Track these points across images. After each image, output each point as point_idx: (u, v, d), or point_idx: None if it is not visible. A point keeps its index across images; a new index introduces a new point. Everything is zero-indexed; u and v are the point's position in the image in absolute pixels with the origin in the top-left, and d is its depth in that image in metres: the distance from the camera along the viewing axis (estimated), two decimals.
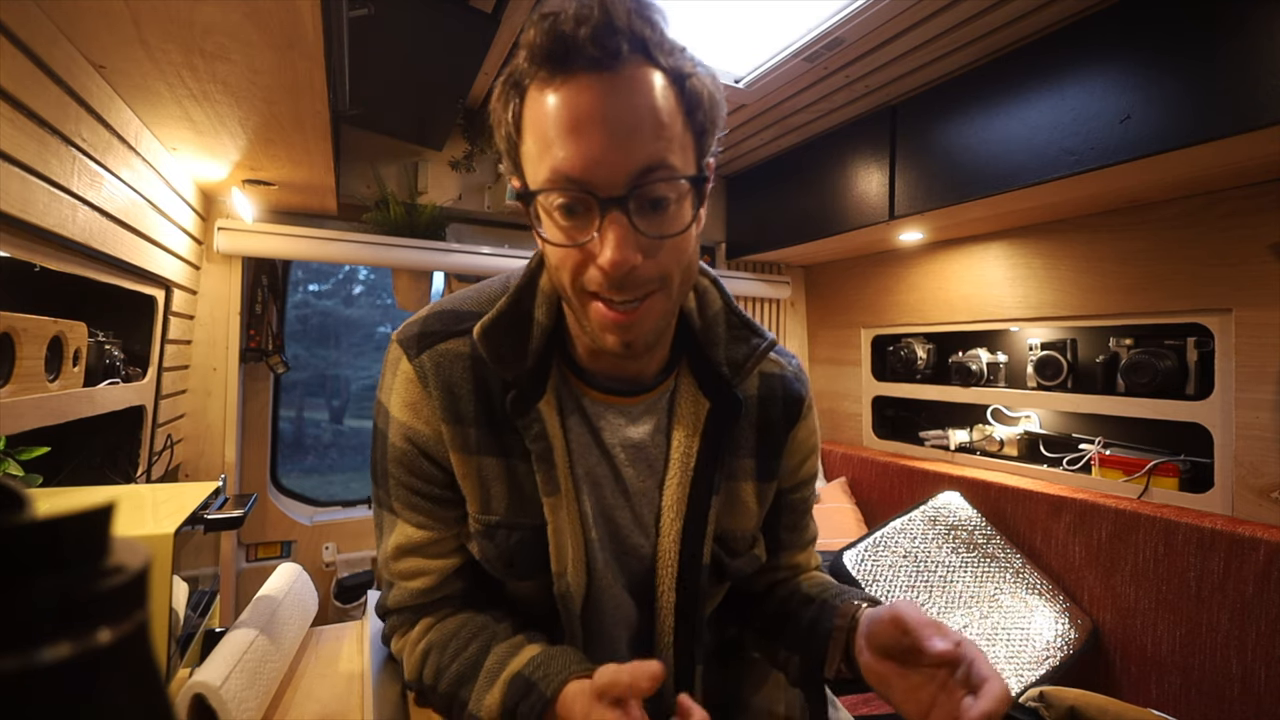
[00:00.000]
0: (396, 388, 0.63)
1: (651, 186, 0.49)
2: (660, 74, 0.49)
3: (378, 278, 8.83)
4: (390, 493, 0.66)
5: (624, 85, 0.47)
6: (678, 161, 0.50)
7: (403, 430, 0.63)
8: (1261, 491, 1.26)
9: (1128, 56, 1.16)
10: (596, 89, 0.47)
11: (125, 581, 0.14)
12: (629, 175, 0.48)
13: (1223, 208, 1.32)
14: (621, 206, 0.49)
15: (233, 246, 1.64)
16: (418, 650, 0.65)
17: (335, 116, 1.18)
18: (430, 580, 0.65)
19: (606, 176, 0.48)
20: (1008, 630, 1.40)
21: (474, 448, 0.62)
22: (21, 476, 0.94)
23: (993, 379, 1.84)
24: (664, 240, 0.51)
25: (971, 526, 1.61)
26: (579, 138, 0.48)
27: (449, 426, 0.62)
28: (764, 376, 0.69)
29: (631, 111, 0.47)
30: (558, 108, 0.48)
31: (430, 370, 0.62)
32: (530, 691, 0.57)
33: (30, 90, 0.75)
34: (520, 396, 0.60)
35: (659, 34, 0.49)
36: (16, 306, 0.82)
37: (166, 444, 1.44)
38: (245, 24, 0.79)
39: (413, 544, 0.65)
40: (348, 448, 8.20)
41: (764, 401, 0.69)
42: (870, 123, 1.71)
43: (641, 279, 0.51)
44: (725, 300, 0.67)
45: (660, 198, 0.50)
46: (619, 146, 0.47)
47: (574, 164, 0.48)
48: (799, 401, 0.70)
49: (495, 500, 0.63)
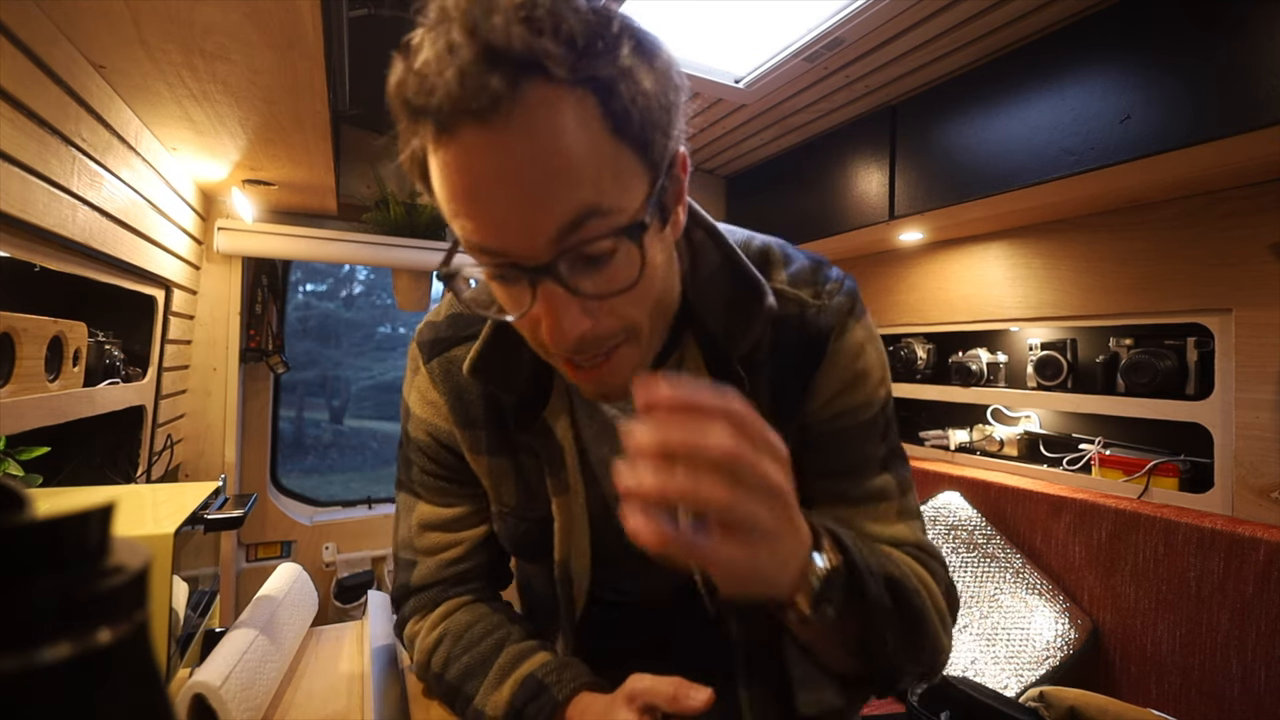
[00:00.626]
0: (416, 386, 0.67)
1: (581, 240, 0.40)
2: (568, 95, 0.37)
3: (377, 278, 8.83)
4: (414, 478, 0.70)
5: (517, 132, 0.37)
6: (612, 199, 0.40)
7: (423, 425, 0.67)
8: (1261, 491, 1.26)
9: (1128, 56, 1.15)
10: (484, 145, 0.37)
11: (125, 581, 0.14)
12: (549, 238, 0.39)
13: (1223, 208, 1.32)
14: (551, 274, 0.41)
15: (233, 246, 1.64)
16: (433, 635, 0.67)
17: (335, 116, 1.18)
18: (459, 550, 0.68)
19: (524, 245, 0.40)
20: (1008, 630, 1.40)
21: (484, 449, 0.64)
22: (21, 476, 0.94)
23: (993, 379, 1.84)
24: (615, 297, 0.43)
25: (971, 526, 1.61)
26: (479, 206, 0.39)
27: (460, 430, 0.64)
28: (778, 323, 0.57)
29: (533, 164, 0.37)
30: (448, 173, 0.39)
31: (440, 377, 0.64)
32: (541, 693, 0.58)
33: (30, 90, 0.75)
34: (524, 410, 0.60)
35: (563, 32, 0.37)
36: (17, 306, 0.82)
37: (166, 444, 1.44)
38: (245, 24, 0.79)
39: (441, 520, 0.68)
40: (348, 448, 8.20)
41: (777, 351, 0.58)
42: (870, 123, 1.71)
43: (600, 337, 0.45)
44: (725, 254, 0.57)
45: (597, 253, 0.41)
46: (529, 208, 0.39)
47: (483, 236, 0.40)
48: (822, 339, 0.58)
49: (506, 494, 0.65)
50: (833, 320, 0.58)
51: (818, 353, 0.58)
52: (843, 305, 0.59)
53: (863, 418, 0.60)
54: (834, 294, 0.59)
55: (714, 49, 1.42)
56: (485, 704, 0.60)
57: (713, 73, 1.49)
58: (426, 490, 0.69)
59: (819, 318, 0.58)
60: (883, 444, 0.61)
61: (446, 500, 0.69)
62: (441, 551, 0.69)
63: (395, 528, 0.73)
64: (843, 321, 0.59)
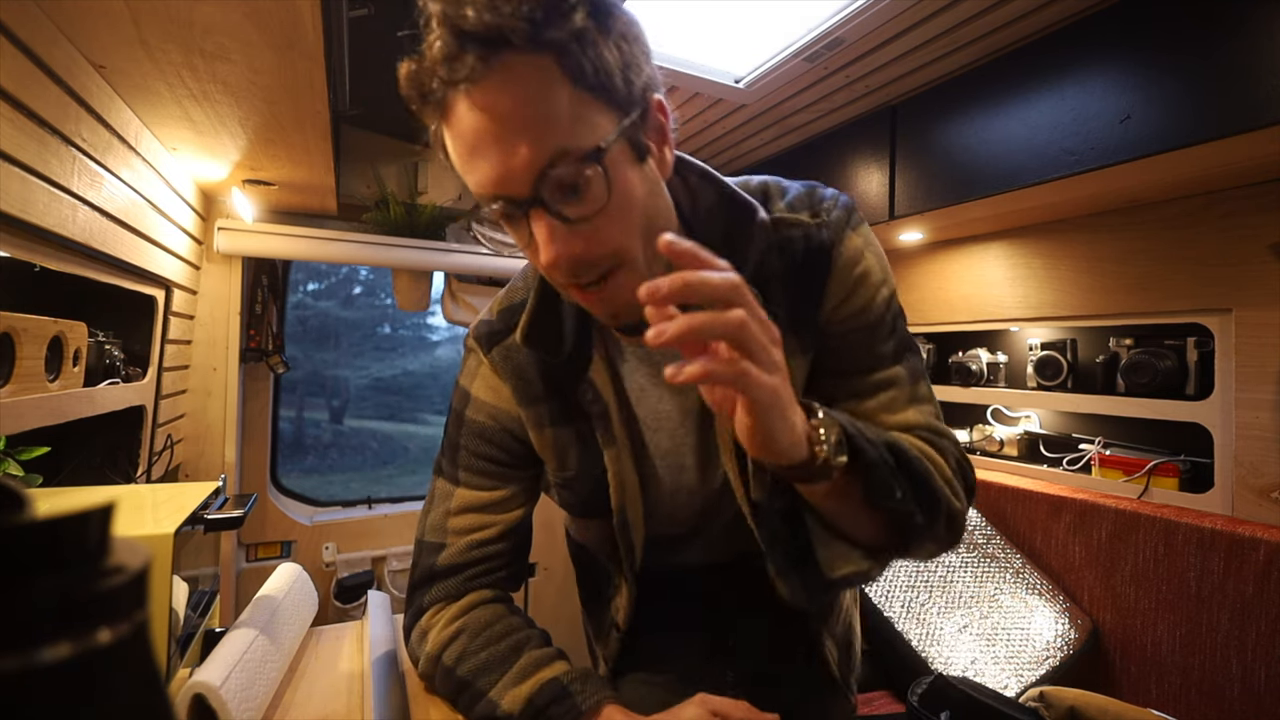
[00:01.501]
0: (480, 375, 0.74)
1: (557, 176, 0.49)
2: (529, 57, 0.46)
3: (376, 278, 8.83)
4: (460, 462, 0.74)
5: (495, 94, 0.46)
6: (580, 140, 0.48)
7: (486, 409, 0.73)
8: (1261, 491, 1.26)
9: (1128, 56, 1.15)
10: (472, 109, 0.47)
11: (125, 581, 0.14)
12: (531, 175, 0.48)
13: (1223, 208, 1.32)
14: (537, 204, 0.50)
15: (233, 246, 1.64)
16: (450, 629, 0.68)
17: (335, 116, 1.18)
18: (491, 532, 0.73)
19: (515, 183, 0.49)
20: (1008, 630, 1.40)
21: (548, 421, 0.71)
22: (21, 476, 0.94)
23: (993, 379, 1.84)
24: (595, 219, 0.51)
25: (971, 526, 1.61)
26: (477, 158, 0.49)
27: (525, 409, 0.71)
28: (782, 245, 0.63)
29: (510, 116, 0.47)
30: (453, 138, 0.50)
31: (500, 363, 0.71)
32: (565, 698, 0.59)
33: (30, 90, 0.75)
34: (570, 372, 0.68)
35: (522, 10, 0.45)
36: (17, 306, 0.82)
37: (166, 444, 1.44)
38: (245, 24, 0.79)
39: (479, 502, 0.73)
40: (348, 448, 8.20)
41: (787, 268, 0.64)
42: (870, 123, 1.71)
43: (592, 261, 0.53)
44: (718, 189, 0.64)
45: (574, 183, 0.50)
46: (512, 153, 0.48)
47: (485, 184, 0.50)
48: (826, 252, 0.63)
49: (570, 460, 0.71)
50: (833, 235, 0.64)
51: (824, 266, 0.64)
52: (840, 219, 0.65)
53: (870, 318, 0.65)
54: (831, 210, 0.65)
55: (714, 49, 1.42)
56: (502, 698, 0.61)
57: (713, 73, 1.49)
58: (471, 474, 0.74)
59: (820, 234, 0.64)
60: (891, 339, 0.66)
61: (490, 483, 0.74)
62: (473, 532, 0.73)
63: (424, 515, 0.77)
64: (840, 233, 0.64)
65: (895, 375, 0.66)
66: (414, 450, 8.68)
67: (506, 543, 0.74)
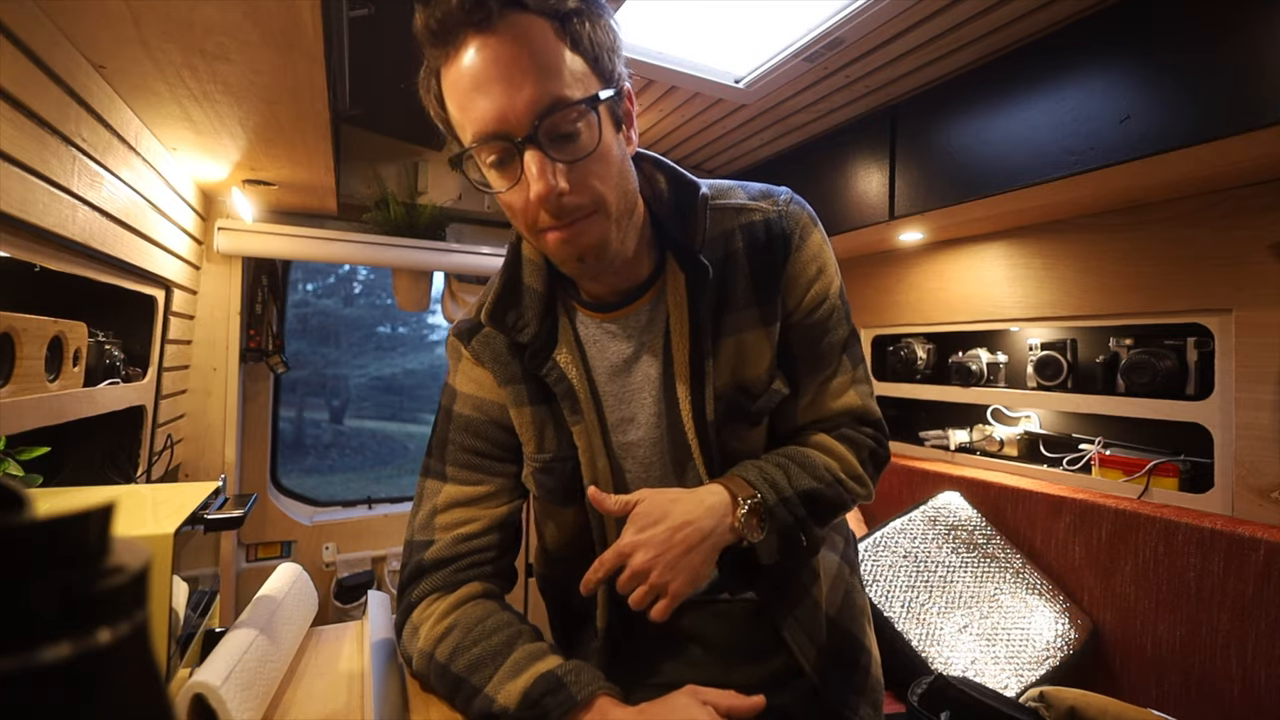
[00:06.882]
0: (462, 370, 0.78)
1: (554, 121, 0.55)
2: (536, 18, 0.54)
3: (377, 277, 8.83)
4: (447, 458, 0.77)
5: (505, 38, 0.53)
6: (575, 92, 0.55)
7: (470, 401, 0.77)
8: (1261, 491, 1.26)
9: (1128, 56, 1.15)
10: (483, 49, 0.54)
11: (125, 581, 0.14)
12: (532, 115, 0.54)
13: (1223, 208, 1.32)
14: (534, 143, 0.55)
15: (233, 246, 1.64)
16: (442, 624, 0.69)
17: (335, 116, 1.18)
18: (478, 525, 0.74)
19: (515, 122, 0.55)
20: (1008, 630, 1.40)
21: (526, 399, 0.74)
22: (21, 476, 0.94)
23: (993, 379, 1.84)
24: (582, 164, 0.57)
25: (971, 526, 1.61)
26: (482, 95, 0.55)
27: (506, 389, 0.74)
28: (745, 228, 0.72)
29: (517, 60, 0.53)
30: (460, 75, 0.55)
31: (480, 350, 0.76)
32: (560, 689, 0.60)
33: (30, 90, 0.75)
34: (535, 353, 0.72)
35: None
36: (17, 306, 0.81)
37: (166, 444, 1.44)
38: (245, 24, 0.79)
39: (466, 497, 0.75)
40: (347, 448, 8.20)
41: (750, 250, 0.72)
42: (870, 123, 1.71)
43: (573, 205, 0.58)
44: (668, 173, 0.72)
45: (567, 130, 0.56)
46: (516, 92, 0.54)
47: (487, 119, 0.55)
48: (786, 237, 0.72)
49: (548, 440, 0.74)
50: (795, 224, 0.73)
51: (785, 246, 0.72)
52: (801, 213, 0.74)
53: (828, 307, 0.74)
54: (789, 202, 0.74)
55: (714, 49, 1.42)
56: (497, 693, 0.62)
57: (713, 73, 1.49)
58: (458, 468, 0.76)
59: (781, 221, 0.73)
60: (844, 325, 0.76)
61: (477, 477, 0.76)
62: (460, 526, 0.74)
63: (412, 517, 0.78)
64: (806, 225, 0.74)
65: (843, 364, 0.76)
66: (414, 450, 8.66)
67: (493, 536, 0.75)
